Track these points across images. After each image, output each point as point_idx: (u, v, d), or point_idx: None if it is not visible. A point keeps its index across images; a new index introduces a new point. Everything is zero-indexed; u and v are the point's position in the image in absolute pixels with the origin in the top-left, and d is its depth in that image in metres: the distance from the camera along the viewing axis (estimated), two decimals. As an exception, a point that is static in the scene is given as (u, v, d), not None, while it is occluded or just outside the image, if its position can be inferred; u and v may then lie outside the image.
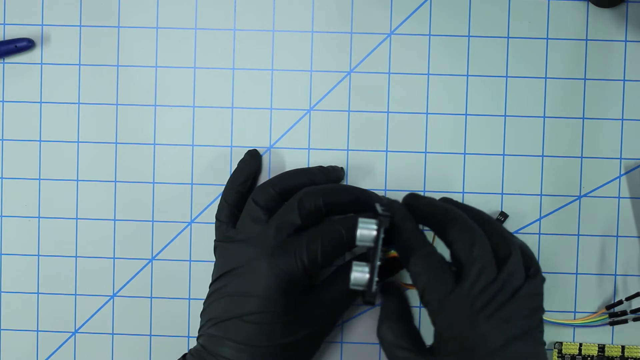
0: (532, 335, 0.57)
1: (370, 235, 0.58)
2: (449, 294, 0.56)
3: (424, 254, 0.58)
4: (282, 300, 0.63)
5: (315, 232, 0.63)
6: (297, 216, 0.64)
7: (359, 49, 0.69)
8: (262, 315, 0.63)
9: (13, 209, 0.71)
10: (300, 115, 0.70)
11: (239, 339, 0.63)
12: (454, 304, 0.56)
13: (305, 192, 0.64)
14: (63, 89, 0.70)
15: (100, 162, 0.71)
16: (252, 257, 0.64)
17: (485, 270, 0.57)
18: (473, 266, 0.57)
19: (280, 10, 0.70)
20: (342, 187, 0.66)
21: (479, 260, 0.57)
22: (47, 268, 0.71)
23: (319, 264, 0.63)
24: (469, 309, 0.56)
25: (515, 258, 0.58)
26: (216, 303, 0.64)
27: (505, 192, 0.69)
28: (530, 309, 0.57)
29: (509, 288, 0.57)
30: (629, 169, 0.68)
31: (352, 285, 0.58)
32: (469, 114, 0.69)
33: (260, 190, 0.66)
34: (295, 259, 0.63)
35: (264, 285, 0.63)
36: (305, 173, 0.67)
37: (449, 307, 0.56)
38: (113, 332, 0.71)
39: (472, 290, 0.56)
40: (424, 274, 0.57)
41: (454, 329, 0.56)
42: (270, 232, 0.64)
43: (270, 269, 0.63)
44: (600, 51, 0.68)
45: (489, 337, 0.56)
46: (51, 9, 0.70)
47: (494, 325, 0.56)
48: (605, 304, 0.68)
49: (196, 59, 0.70)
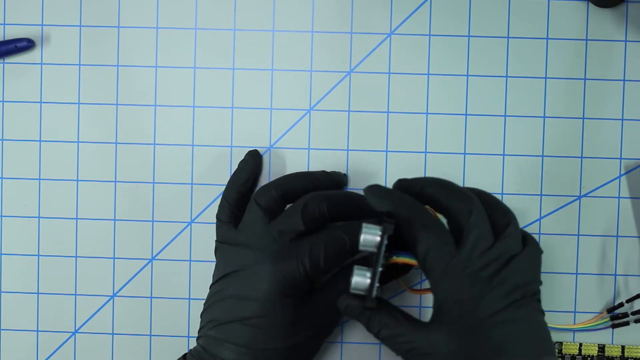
0: (530, 302, 0.58)
1: (373, 240, 0.58)
2: (451, 260, 0.57)
3: (426, 220, 0.58)
4: (283, 304, 0.63)
5: (318, 237, 0.63)
6: (300, 221, 0.64)
7: (359, 49, 0.69)
8: (263, 319, 0.63)
9: (13, 209, 0.71)
10: (300, 115, 0.70)
11: (239, 342, 0.63)
12: (455, 269, 0.57)
13: (310, 198, 0.64)
14: (63, 89, 0.70)
15: (100, 162, 0.71)
16: (254, 260, 0.63)
17: (483, 236, 0.57)
18: (471, 233, 0.57)
19: (280, 10, 0.70)
20: (347, 194, 0.66)
21: (477, 227, 0.57)
22: (47, 268, 0.71)
23: (321, 269, 0.63)
24: (469, 273, 0.57)
25: (513, 227, 0.58)
26: (217, 305, 0.64)
27: (505, 192, 0.69)
28: (528, 276, 0.58)
29: (507, 254, 0.57)
30: (629, 169, 0.68)
31: (353, 289, 0.58)
32: (469, 114, 0.69)
33: (262, 192, 0.66)
34: (297, 264, 0.63)
35: (265, 289, 0.63)
36: (309, 177, 0.67)
37: (450, 273, 0.57)
38: (113, 332, 0.71)
39: (472, 256, 0.57)
40: (426, 239, 0.57)
41: (455, 293, 0.57)
42: (273, 236, 0.64)
43: (273, 274, 0.63)
44: (600, 51, 0.68)
45: (489, 300, 0.56)
46: (51, 9, 0.70)
47: (493, 290, 0.57)
48: (605, 304, 0.68)
49: (196, 59, 0.70)
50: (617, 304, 0.68)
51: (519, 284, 0.57)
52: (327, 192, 0.66)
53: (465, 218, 0.58)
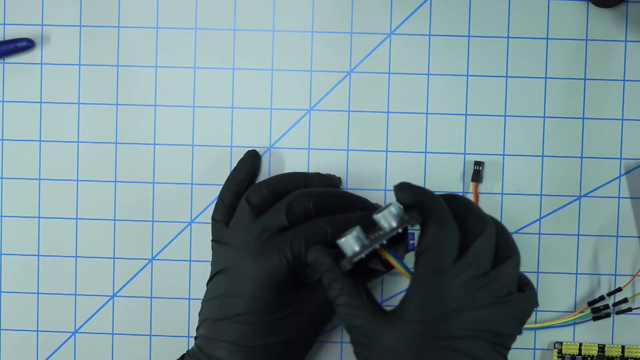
0: (495, 347, 0.57)
1: (389, 222, 0.58)
2: (446, 265, 0.56)
3: (445, 218, 0.57)
4: (271, 299, 0.63)
5: (299, 230, 0.63)
6: (284, 218, 0.64)
7: (359, 49, 0.69)
8: (251, 315, 0.63)
9: (13, 209, 0.71)
10: (300, 115, 0.70)
11: (231, 339, 0.63)
12: (443, 276, 0.56)
13: (296, 195, 0.65)
14: (63, 89, 0.70)
15: (100, 162, 0.71)
16: (239, 258, 0.64)
17: (483, 260, 0.57)
18: (474, 250, 0.56)
19: (280, 10, 0.70)
20: (334, 192, 0.66)
21: (482, 248, 0.57)
22: (47, 268, 0.71)
23: (303, 261, 0.63)
24: (452, 288, 0.56)
25: (485, 236, 0.57)
26: (209, 304, 0.65)
27: (505, 192, 0.69)
28: (504, 327, 0.57)
29: (480, 263, 0.57)
30: (629, 169, 0.68)
31: (341, 243, 0.58)
32: (469, 114, 0.69)
33: (254, 190, 0.66)
34: (279, 257, 0.63)
35: (251, 285, 0.63)
36: (302, 177, 0.67)
37: (436, 277, 0.56)
38: (113, 332, 0.71)
39: (464, 273, 0.56)
40: (437, 234, 0.57)
41: (429, 299, 0.56)
42: (257, 233, 0.64)
43: (256, 269, 0.63)
44: (600, 51, 0.68)
45: (453, 323, 0.55)
46: (51, 9, 0.70)
47: (464, 315, 0.56)
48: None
49: (196, 59, 0.70)
50: (598, 297, 0.68)
51: (493, 331, 0.57)
52: (315, 189, 0.66)
53: (475, 235, 0.57)
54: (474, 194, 0.68)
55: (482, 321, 0.56)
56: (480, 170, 0.68)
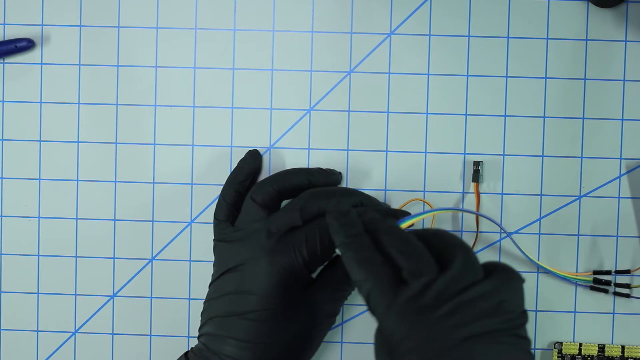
0: (495, 338, 0.52)
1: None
2: (394, 298, 0.54)
3: (365, 258, 0.56)
4: (283, 296, 0.63)
5: (313, 226, 0.63)
6: (298, 217, 0.64)
7: (359, 49, 0.69)
8: (263, 313, 0.63)
9: (13, 209, 0.71)
10: (300, 115, 0.70)
11: (240, 336, 0.63)
12: (399, 304, 0.53)
13: (310, 195, 0.64)
14: (63, 89, 0.71)
15: (100, 162, 0.71)
16: (251, 255, 0.64)
17: (424, 270, 0.54)
18: (413, 267, 0.54)
19: (280, 10, 0.70)
20: (345, 190, 0.66)
21: (416, 261, 0.54)
22: (47, 268, 0.71)
23: (319, 257, 0.63)
24: (414, 307, 0.53)
25: (460, 259, 0.54)
26: (216, 302, 0.64)
27: (505, 192, 0.69)
28: (484, 310, 0.53)
29: (455, 287, 0.53)
30: (629, 169, 0.68)
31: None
32: (469, 114, 0.69)
33: (258, 188, 0.66)
34: (295, 255, 0.63)
35: (264, 282, 0.63)
36: (304, 173, 0.67)
37: (396, 309, 0.53)
38: (113, 332, 0.71)
39: (414, 290, 0.53)
40: (368, 280, 0.55)
41: (402, 328, 0.53)
42: (269, 231, 0.64)
43: (271, 267, 0.63)
44: (600, 51, 0.68)
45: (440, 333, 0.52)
46: (51, 9, 0.70)
47: (443, 323, 0.52)
48: (605, 305, 0.68)
49: (196, 59, 0.70)
50: (605, 270, 0.68)
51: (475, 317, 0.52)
52: (327, 188, 0.66)
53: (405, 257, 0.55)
54: (475, 194, 0.68)
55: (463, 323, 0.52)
56: (480, 170, 0.68)
